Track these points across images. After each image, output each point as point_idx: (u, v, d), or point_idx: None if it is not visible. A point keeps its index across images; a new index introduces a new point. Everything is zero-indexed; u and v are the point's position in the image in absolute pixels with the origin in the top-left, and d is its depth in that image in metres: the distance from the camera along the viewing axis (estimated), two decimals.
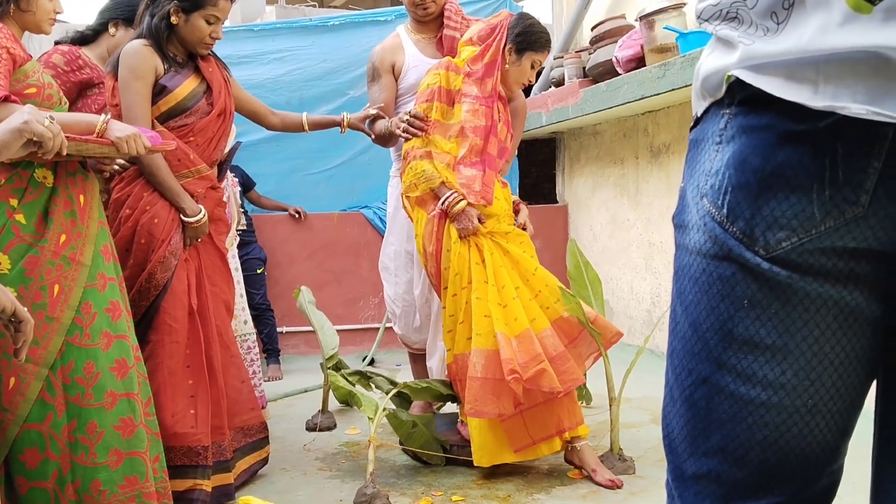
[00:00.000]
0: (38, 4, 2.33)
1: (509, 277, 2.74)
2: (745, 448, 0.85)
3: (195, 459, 2.46)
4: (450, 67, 2.88)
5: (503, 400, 2.61)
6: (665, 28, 3.80)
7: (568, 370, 2.63)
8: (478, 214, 2.79)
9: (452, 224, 2.79)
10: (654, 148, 4.60)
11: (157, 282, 2.50)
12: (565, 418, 2.71)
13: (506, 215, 2.91)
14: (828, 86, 0.73)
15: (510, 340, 2.60)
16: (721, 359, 0.84)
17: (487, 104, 2.82)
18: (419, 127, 2.83)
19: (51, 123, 1.72)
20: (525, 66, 2.89)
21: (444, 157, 2.82)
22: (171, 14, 2.53)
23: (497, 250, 2.79)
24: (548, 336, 2.67)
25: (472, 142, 2.80)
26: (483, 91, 2.83)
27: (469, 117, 2.80)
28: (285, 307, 4.78)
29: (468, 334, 2.73)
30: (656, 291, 4.63)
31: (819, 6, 0.73)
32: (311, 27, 5.37)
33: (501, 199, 2.92)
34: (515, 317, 2.65)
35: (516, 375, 2.53)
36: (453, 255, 2.78)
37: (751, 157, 0.79)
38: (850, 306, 0.80)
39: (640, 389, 3.36)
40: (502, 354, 2.57)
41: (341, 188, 5.20)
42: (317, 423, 3.47)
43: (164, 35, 2.54)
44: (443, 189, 2.79)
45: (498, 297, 2.69)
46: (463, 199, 2.76)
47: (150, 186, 2.54)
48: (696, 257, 0.87)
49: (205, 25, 2.56)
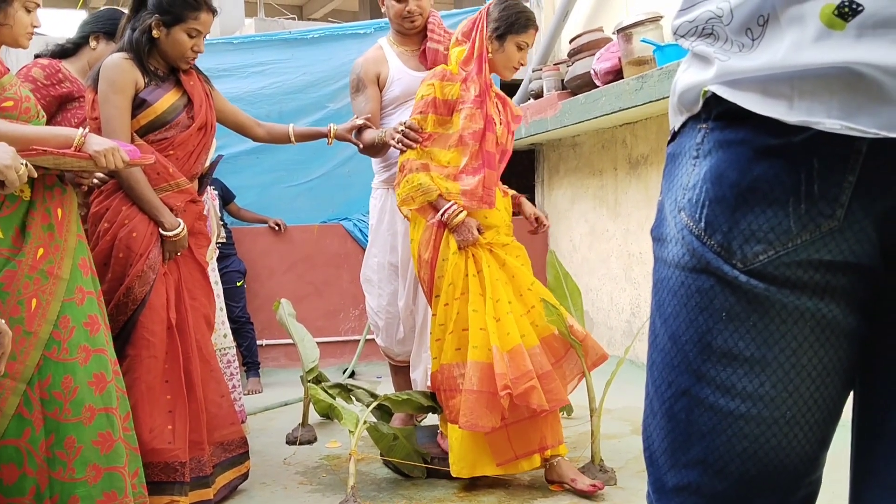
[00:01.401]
0: (15, 18, 2.31)
1: (504, 291, 2.72)
2: (725, 460, 0.86)
3: (172, 475, 2.44)
4: (444, 77, 2.82)
5: (495, 414, 2.61)
6: (642, 41, 3.84)
7: (553, 389, 2.63)
8: (477, 225, 2.76)
9: (452, 235, 2.76)
10: (632, 159, 4.63)
11: (135, 296, 2.48)
12: (548, 435, 2.71)
13: (504, 226, 2.88)
14: (802, 101, 0.74)
15: (503, 355, 2.60)
16: (700, 371, 0.85)
17: (480, 104, 2.76)
18: (414, 139, 2.78)
19: (24, 171, 1.86)
20: (509, 50, 2.80)
21: (442, 170, 2.77)
22: (153, 27, 2.52)
23: (494, 262, 2.77)
24: (536, 354, 2.66)
25: (472, 149, 2.75)
26: (478, 90, 2.76)
27: (466, 123, 2.75)
28: (265, 320, 4.76)
29: (457, 345, 2.73)
30: (636, 302, 4.65)
31: (793, 23, 0.74)
32: (291, 40, 5.38)
33: (502, 209, 2.88)
34: (508, 331, 2.64)
35: (509, 391, 2.53)
36: (449, 265, 2.75)
37: (727, 171, 0.80)
38: (826, 318, 0.81)
39: (620, 400, 3.38)
40: (496, 369, 2.56)
41: (321, 200, 5.20)
42: (297, 436, 3.45)
43: (145, 48, 2.54)
44: (441, 201, 2.74)
45: (493, 311, 2.67)
46: (462, 210, 2.73)
47: (128, 200, 2.53)
48: (674, 270, 0.88)
49: (186, 39, 2.56)
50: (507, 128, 2.92)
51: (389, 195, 3.15)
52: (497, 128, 2.83)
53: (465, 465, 2.69)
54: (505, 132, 2.90)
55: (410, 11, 3.01)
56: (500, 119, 2.87)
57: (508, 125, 2.94)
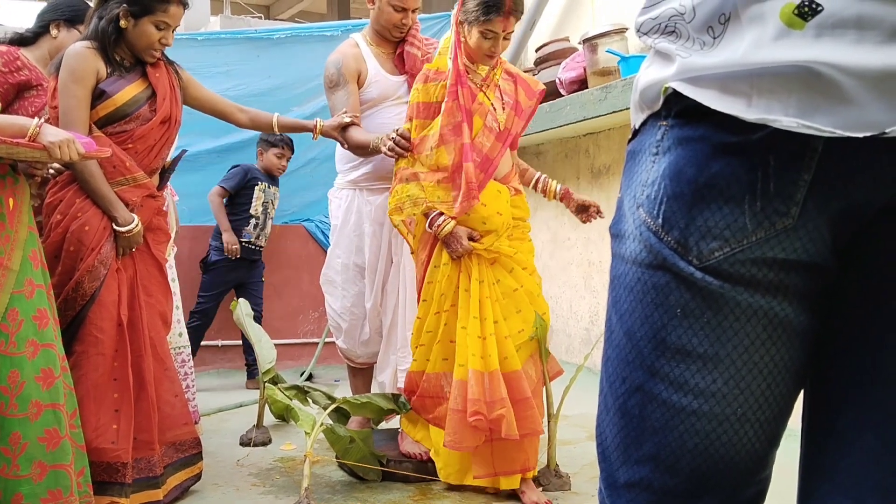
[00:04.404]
0: None
1: (492, 309, 2.64)
2: (677, 456, 0.86)
3: (114, 476, 2.39)
4: (427, 79, 2.73)
5: (478, 434, 2.59)
6: (608, 51, 3.87)
7: (528, 417, 2.59)
8: (468, 233, 2.67)
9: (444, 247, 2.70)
10: (594, 169, 4.67)
11: (85, 291, 2.43)
12: (531, 457, 2.68)
13: (504, 228, 2.71)
14: (761, 99, 0.75)
15: (483, 376, 2.56)
16: (654, 367, 0.86)
17: (453, 95, 2.63)
18: (404, 147, 2.70)
19: None
20: (476, 38, 2.61)
21: (431, 176, 2.67)
22: (121, 17, 2.48)
23: (488, 277, 2.67)
24: (516, 378, 2.61)
25: (455, 144, 2.63)
26: (453, 80, 2.64)
27: (445, 119, 2.63)
28: (223, 319, 4.69)
29: (444, 355, 2.70)
30: (595, 310, 4.68)
31: (754, 21, 0.75)
32: (257, 39, 5.32)
33: (505, 213, 2.71)
34: (489, 353, 2.59)
35: (479, 417, 2.51)
36: (442, 275, 2.69)
37: (686, 167, 0.81)
38: (779, 317, 0.82)
39: (577, 407, 3.39)
40: (469, 393, 2.54)
41: (283, 201, 5.14)
42: (251, 438, 3.40)
43: (111, 38, 2.49)
44: (430, 211, 2.67)
45: (479, 330, 2.61)
46: (450, 221, 2.64)
47: (82, 193, 2.48)
48: (631, 266, 0.88)
49: (154, 31, 2.51)
50: (514, 109, 2.74)
51: (356, 196, 3.13)
52: (498, 113, 2.70)
53: (453, 471, 2.71)
54: (511, 115, 2.73)
55: (405, 24, 2.99)
56: (501, 104, 2.73)
57: (517, 106, 2.76)
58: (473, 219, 2.67)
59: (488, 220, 2.67)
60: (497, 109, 2.71)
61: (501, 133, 2.70)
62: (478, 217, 2.67)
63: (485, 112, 2.69)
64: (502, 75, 2.80)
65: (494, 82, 2.75)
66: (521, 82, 2.83)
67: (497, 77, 2.77)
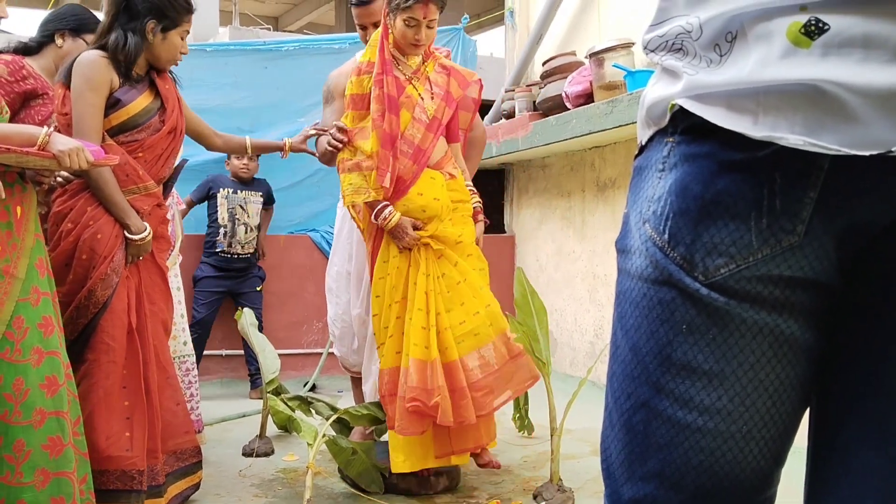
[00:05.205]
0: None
1: (435, 302, 2.71)
2: (682, 473, 0.86)
3: (129, 483, 2.38)
4: (360, 71, 2.80)
5: (424, 419, 2.65)
6: (614, 66, 3.88)
7: (464, 406, 2.64)
8: (412, 223, 2.75)
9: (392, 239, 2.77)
10: (600, 182, 4.67)
11: (97, 299, 2.43)
12: (484, 435, 2.80)
13: (447, 212, 2.79)
14: (767, 116, 0.75)
15: (425, 365, 2.63)
16: (659, 383, 0.85)
17: (379, 83, 2.72)
18: (339, 139, 2.78)
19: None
20: (400, 27, 2.71)
21: (369, 163, 2.73)
22: (147, 31, 2.51)
23: (434, 271, 2.74)
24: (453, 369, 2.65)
25: (379, 131, 2.72)
26: (379, 69, 2.74)
27: (374, 106, 2.73)
28: (227, 329, 4.70)
29: (397, 348, 2.74)
30: (599, 324, 4.68)
31: (760, 40, 0.75)
32: (265, 51, 5.35)
33: (443, 198, 2.79)
34: (431, 344, 2.66)
35: (417, 403, 2.59)
36: (392, 268, 2.76)
37: (692, 184, 0.81)
38: (784, 334, 0.82)
39: (581, 421, 3.38)
40: (409, 381, 2.62)
41: (288, 211, 5.15)
42: (254, 448, 3.40)
43: (136, 51, 2.52)
44: (375, 203, 2.75)
45: (423, 320, 2.69)
46: (396, 213, 2.72)
47: (94, 201, 2.49)
48: (637, 282, 0.88)
49: (179, 42, 2.60)
50: (444, 99, 2.82)
51: None
52: (426, 104, 2.78)
53: (414, 460, 2.73)
54: (442, 105, 2.81)
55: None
56: (431, 94, 2.80)
57: (447, 96, 2.83)
58: (413, 208, 2.76)
59: (427, 207, 2.77)
60: (426, 100, 2.79)
61: (431, 123, 2.79)
62: (416, 206, 2.76)
63: (413, 105, 2.77)
64: (436, 68, 2.87)
65: (425, 74, 2.83)
66: (454, 74, 2.90)
67: (429, 70, 2.85)
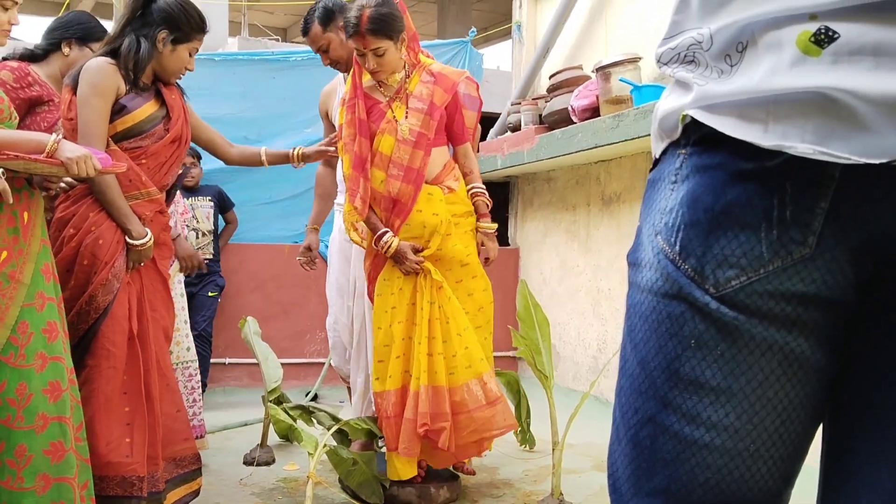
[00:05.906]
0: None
1: (441, 330, 2.71)
2: (688, 489, 0.85)
3: (129, 490, 2.37)
4: (344, 102, 2.84)
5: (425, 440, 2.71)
6: (620, 80, 3.89)
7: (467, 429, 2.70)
8: (412, 247, 2.74)
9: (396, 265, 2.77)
10: (605, 196, 4.67)
11: (98, 304, 2.43)
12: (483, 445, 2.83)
13: (447, 226, 2.77)
14: (777, 125, 0.74)
15: (428, 390, 2.66)
16: (667, 398, 0.85)
17: (351, 108, 2.76)
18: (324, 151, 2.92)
19: None
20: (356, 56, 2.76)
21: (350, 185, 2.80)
22: (158, 41, 2.53)
23: (440, 297, 2.73)
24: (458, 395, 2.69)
25: (351, 154, 2.76)
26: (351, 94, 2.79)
27: (346, 131, 2.77)
28: (229, 337, 4.69)
29: (405, 368, 2.74)
30: (603, 338, 4.67)
31: (770, 49, 0.75)
32: (273, 62, 5.37)
33: (442, 212, 2.77)
34: (437, 370, 2.67)
35: (426, 427, 2.64)
36: (395, 287, 2.76)
37: (703, 195, 0.80)
38: (794, 352, 0.80)
39: (583, 435, 3.36)
40: (421, 406, 2.64)
41: (292, 220, 5.16)
42: (255, 457, 3.39)
43: (147, 58, 2.54)
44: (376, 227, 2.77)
45: (427, 347, 2.70)
46: (395, 238, 2.73)
47: (96, 206, 2.49)
48: (647, 295, 0.87)
49: (187, 57, 2.62)
50: (427, 113, 2.76)
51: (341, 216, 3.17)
52: (411, 122, 2.74)
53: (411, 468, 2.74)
54: (426, 119, 2.75)
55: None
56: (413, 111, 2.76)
57: (431, 108, 2.77)
58: (413, 226, 2.76)
59: (427, 223, 2.75)
60: (409, 118, 2.76)
61: (418, 140, 2.75)
62: (416, 223, 2.76)
63: (394, 129, 2.75)
64: (423, 77, 2.82)
65: (408, 92, 2.79)
66: (440, 80, 2.83)
67: (413, 84, 2.80)
